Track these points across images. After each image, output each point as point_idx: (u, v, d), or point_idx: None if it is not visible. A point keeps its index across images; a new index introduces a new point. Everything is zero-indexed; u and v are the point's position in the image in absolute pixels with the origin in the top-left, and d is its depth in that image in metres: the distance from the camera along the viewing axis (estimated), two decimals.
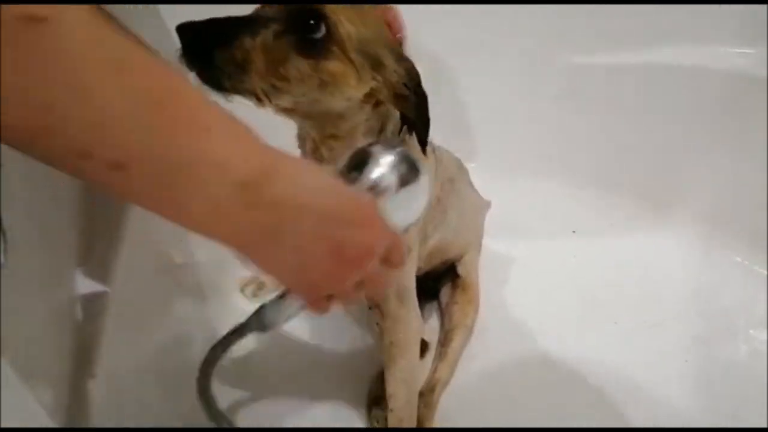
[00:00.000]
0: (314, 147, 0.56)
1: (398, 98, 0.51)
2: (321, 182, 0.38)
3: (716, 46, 0.96)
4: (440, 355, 0.79)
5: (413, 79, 0.51)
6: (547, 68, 1.03)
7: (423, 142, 0.53)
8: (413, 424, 0.70)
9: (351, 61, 0.47)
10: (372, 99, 0.52)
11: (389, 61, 0.50)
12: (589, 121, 1.04)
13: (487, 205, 0.94)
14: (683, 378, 0.80)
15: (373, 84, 0.50)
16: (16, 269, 0.42)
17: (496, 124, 1.06)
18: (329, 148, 0.55)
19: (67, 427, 0.47)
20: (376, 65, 0.50)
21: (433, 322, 0.85)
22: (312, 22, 0.45)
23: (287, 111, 0.51)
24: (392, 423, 0.69)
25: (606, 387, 0.78)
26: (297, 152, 0.59)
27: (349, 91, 0.49)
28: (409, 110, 0.52)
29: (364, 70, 0.49)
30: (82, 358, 0.52)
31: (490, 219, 0.93)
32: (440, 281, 0.87)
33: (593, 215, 1.01)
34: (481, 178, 0.89)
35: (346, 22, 0.47)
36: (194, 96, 0.34)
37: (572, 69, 1.02)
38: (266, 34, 0.45)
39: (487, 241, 0.91)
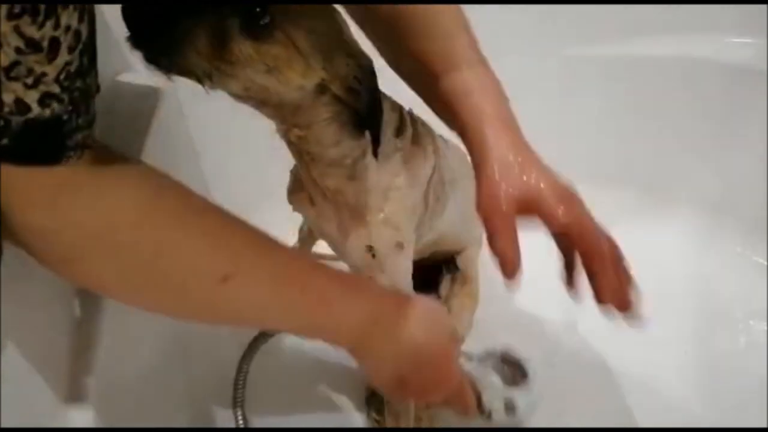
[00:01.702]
0: (282, 133, 0.57)
1: (350, 92, 0.51)
2: (411, 331, 0.48)
3: (716, 36, 0.96)
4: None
5: (366, 74, 0.51)
6: (544, 61, 1.02)
7: (375, 140, 0.53)
8: (410, 419, 0.70)
9: (297, 49, 0.47)
10: (327, 91, 0.51)
11: (340, 54, 0.50)
12: (587, 113, 1.03)
13: None
14: (682, 369, 0.80)
15: (323, 74, 0.50)
16: (15, 263, 0.41)
17: None
18: (296, 135, 0.55)
19: (68, 427, 0.47)
20: (327, 57, 0.49)
21: None
22: (258, 9, 0.45)
23: (240, 98, 0.51)
24: (389, 417, 0.69)
25: (605, 378, 0.78)
26: None
27: (297, 79, 0.48)
28: (361, 106, 0.52)
29: (312, 59, 0.48)
30: (81, 354, 0.52)
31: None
32: (440, 273, 0.87)
33: (592, 208, 1.00)
34: None
35: (295, 11, 0.46)
36: (320, 274, 0.45)
37: (568, 61, 1.01)
38: (211, 16, 0.45)
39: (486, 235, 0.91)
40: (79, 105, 0.33)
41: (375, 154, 0.54)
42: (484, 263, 0.88)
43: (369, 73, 0.51)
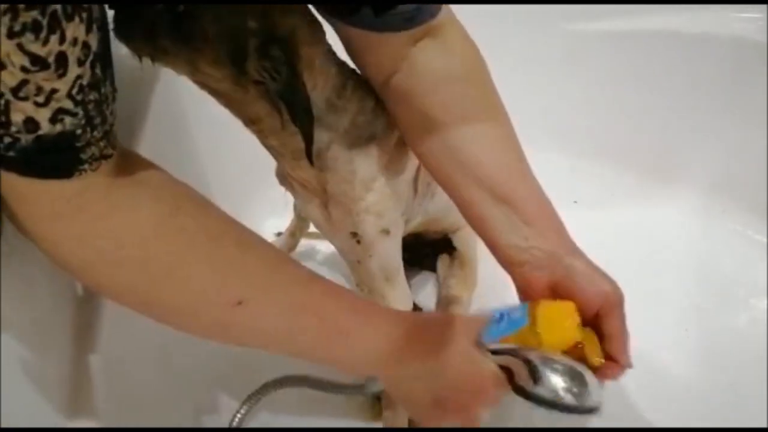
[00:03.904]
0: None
1: (267, 93, 0.50)
2: (450, 361, 0.45)
3: (719, 10, 0.94)
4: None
5: (276, 66, 0.48)
6: (546, 36, 1.01)
7: (306, 141, 0.51)
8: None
9: (207, 40, 0.47)
10: (248, 85, 0.51)
11: (256, 55, 0.48)
12: (589, 89, 1.02)
13: None
14: (683, 347, 0.80)
15: (233, 71, 0.49)
16: (17, 244, 0.41)
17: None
18: (254, 130, 0.56)
19: (68, 427, 0.47)
20: (238, 56, 0.48)
21: (430, 289, 0.85)
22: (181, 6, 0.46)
23: (196, 83, 0.52)
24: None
25: None
26: None
27: (213, 74, 0.49)
28: (285, 104, 0.50)
29: (219, 54, 0.48)
30: (84, 333, 0.52)
31: None
32: (436, 249, 0.86)
33: (594, 185, 1.00)
34: None
35: (212, 6, 0.47)
36: (339, 302, 0.44)
37: (571, 36, 1.00)
38: (145, 15, 0.47)
39: None
40: (93, 117, 0.32)
41: (308, 154, 0.52)
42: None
43: (289, 72, 0.49)
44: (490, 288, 0.84)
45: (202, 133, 0.86)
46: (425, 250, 0.85)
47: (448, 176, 0.51)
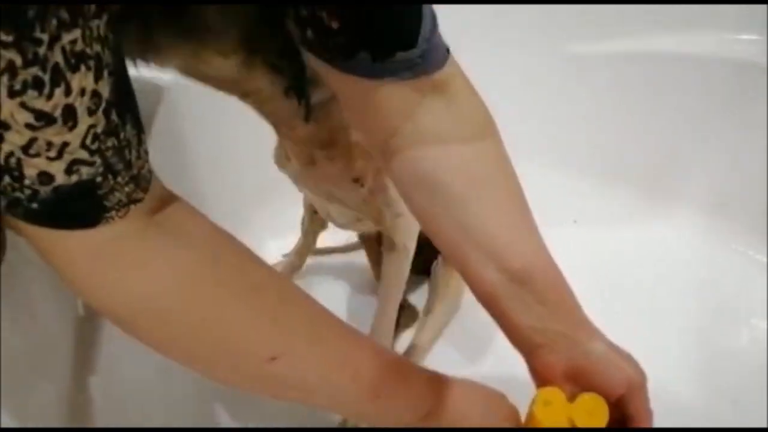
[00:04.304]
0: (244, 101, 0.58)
1: (274, 67, 0.50)
2: (478, 413, 0.46)
3: (719, 33, 0.95)
4: (421, 324, 0.80)
5: (287, 47, 0.48)
6: (548, 57, 1.02)
7: (306, 108, 0.53)
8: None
9: (211, 30, 0.46)
10: (256, 63, 0.51)
11: (259, 33, 0.48)
12: (590, 109, 1.03)
13: None
14: (684, 366, 0.80)
15: (242, 55, 0.49)
16: (18, 262, 0.42)
17: (497, 113, 1.05)
18: (251, 101, 0.56)
19: (69, 427, 0.47)
20: (246, 38, 0.48)
21: (423, 290, 0.86)
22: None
23: (188, 76, 0.52)
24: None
25: None
26: None
27: (218, 62, 0.49)
28: (287, 74, 0.51)
29: (230, 41, 0.48)
30: (84, 353, 0.52)
31: None
32: (432, 255, 0.87)
33: (594, 205, 1.00)
34: None
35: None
36: (373, 360, 0.43)
37: (572, 58, 1.01)
38: (138, 15, 0.44)
39: None
40: (114, 164, 0.31)
41: (306, 118, 0.54)
42: None
43: (288, 42, 0.47)
44: (478, 317, 0.85)
45: (203, 154, 0.86)
46: (422, 254, 0.86)
47: (457, 247, 0.47)
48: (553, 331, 0.45)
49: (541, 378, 0.47)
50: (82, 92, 0.28)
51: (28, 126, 0.27)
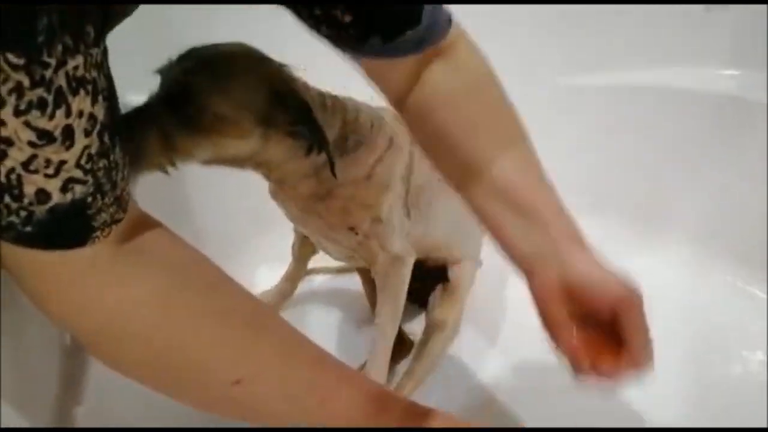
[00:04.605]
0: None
1: (296, 136, 0.55)
2: None
3: (704, 68, 0.98)
4: (416, 355, 0.80)
5: (302, 114, 0.54)
6: (537, 89, 1.03)
7: (330, 163, 0.57)
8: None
9: (227, 119, 0.51)
10: (271, 136, 0.56)
11: (272, 109, 0.53)
12: (579, 141, 1.05)
13: None
14: (677, 399, 0.79)
15: (259, 132, 0.54)
16: (7, 296, 0.41)
17: None
18: (260, 171, 0.61)
19: (70, 427, 0.47)
20: (258, 115, 0.53)
21: (420, 319, 0.85)
22: (183, 100, 0.50)
23: (208, 164, 0.56)
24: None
25: (599, 407, 0.77)
26: None
27: (236, 143, 0.53)
28: (307, 138, 0.55)
29: (245, 121, 0.53)
30: (69, 385, 0.51)
31: (486, 237, 0.93)
32: (431, 285, 0.87)
33: (586, 234, 1.01)
34: None
35: (212, 90, 0.51)
36: (345, 389, 0.44)
37: (561, 90, 1.03)
38: (153, 124, 0.49)
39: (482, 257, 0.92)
40: (103, 184, 0.33)
41: (333, 173, 0.58)
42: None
43: (303, 111, 0.54)
44: (484, 330, 0.85)
45: (193, 182, 0.86)
46: (420, 284, 0.86)
47: (466, 188, 0.51)
48: (552, 256, 0.48)
49: (540, 299, 0.49)
50: (81, 114, 0.30)
51: (30, 144, 0.28)
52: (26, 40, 0.26)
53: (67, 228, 0.32)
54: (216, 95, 0.51)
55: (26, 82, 0.27)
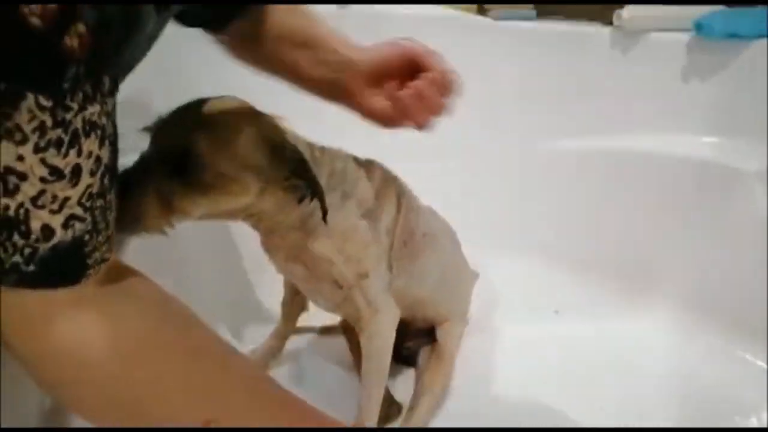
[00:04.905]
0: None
1: (290, 187, 0.56)
2: None
3: (682, 134, 1.01)
4: (405, 420, 0.77)
5: (297, 166, 0.55)
6: (523, 153, 1.07)
7: (323, 211, 0.58)
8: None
9: (226, 177, 0.52)
10: (267, 189, 0.56)
11: (267, 163, 0.54)
12: (565, 204, 1.07)
13: (475, 276, 0.94)
14: None
15: (258, 186, 0.54)
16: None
17: (477, 206, 1.08)
18: (250, 222, 0.61)
19: (70, 427, 0.46)
20: (258, 171, 0.54)
21: (409, 388, 0.83)
22: (183, 161, 0.50)
23: (206, 218, 0.56)
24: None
25: None
26: None
27: (238, 200, 0.54)
28: (304, 191, 0.57)
29: (245, 179, 0.53)
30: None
31: (473, 295, 0.93)
32: (418, 345, 0.86)
33: (574, 296, 1.01)
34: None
35: (214, 150, 0.51)
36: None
37: (545, 154, 1.06)
38: (152, 185, 0.50)
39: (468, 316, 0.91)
40: (99, 223, 0.35)
41: (325, 220, 0.59)
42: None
43: (300, 162, 0.55)
44: (471, 388, 0.83)
45: (181, 239, 0.86)
46: (408, 345, 0.85)
47: (262, 55, 0.64)
48: (339, 63, 0.62)
49: (355, 100, 0.63)
50: (89, 155, 0.32)
51: (42, 179, 0.31)
52: (56, 85, 0.30)
53: (66, 265, 0.33)
54: (219, 154, 0.51)
55: (49, 122, 0.30)
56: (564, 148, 1.05)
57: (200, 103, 0.54)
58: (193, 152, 0.50)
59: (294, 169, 0.55)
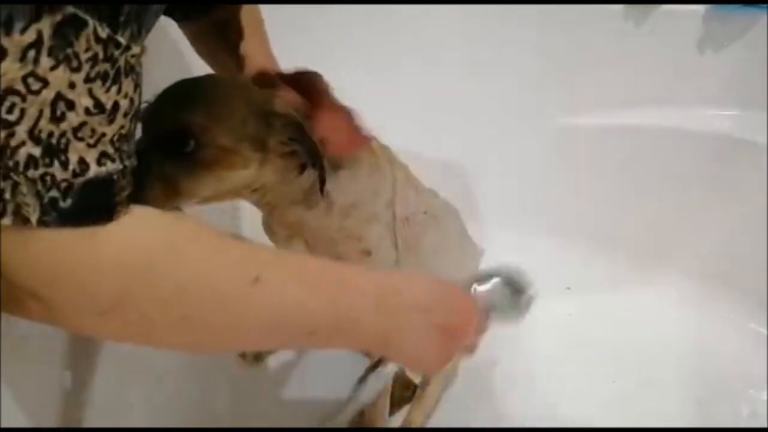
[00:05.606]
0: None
1: (290, 154, 0.55)
2: (425, 285, 0.49)
3: (699, 108, 1.00)
4: (416, 398, 0.79)
5: (294, 131, 0.54)
6: (538, 129, 1.06)
7: (322, 180, 0.57)
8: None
9: (227, 151, 0.51)
10: (268, 159, 0.55)
11: (264, 132, 0.53)
12: (580, 179, 1.06)
13: (480, 252, 0.94)
14: None
15: (259, 156, 0.54)
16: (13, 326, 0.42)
17: (490, 183, 1.08)
18: (250, 195, 0.60)
19: (68, 427, 0.46)
20: (255, 142, 0.53)
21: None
22: (181, 142, 0.50)
23: (209, 201, 0.55)
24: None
25: None
26: None
27: (242, 174, 0.53)
28: (304, 157, 0.56)
29: (244, 150, 0.52)
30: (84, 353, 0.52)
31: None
32: None
33: (587, 272, 1.01)
34: (474, 234, 0.90)
35: (211, 125, 0.50)
36: (347, 271, 0.48)
37: (561, 130, 1.05)
38: (154, 174, 0.49)
39: None
40: (126, 166, 0.36)
41: (321, 191, 0.58)
42: None
43: (294, 127, 0.54)
44: (485, 369, 0.84)
45: None
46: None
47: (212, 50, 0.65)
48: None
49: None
50: (126, 95, 0.34)
51: (86, 110, 0.32)
52: (115, 17, 0.32)
53: (100, 201, 0.34)
54: (216, 129, 0.51)
55: (101, 54, 0.31)
56: (579, 123, 1.04)
57: (184, 83, 0.53)
58: (189, 131, 0.50)
59: (291, 135, 0.55)
